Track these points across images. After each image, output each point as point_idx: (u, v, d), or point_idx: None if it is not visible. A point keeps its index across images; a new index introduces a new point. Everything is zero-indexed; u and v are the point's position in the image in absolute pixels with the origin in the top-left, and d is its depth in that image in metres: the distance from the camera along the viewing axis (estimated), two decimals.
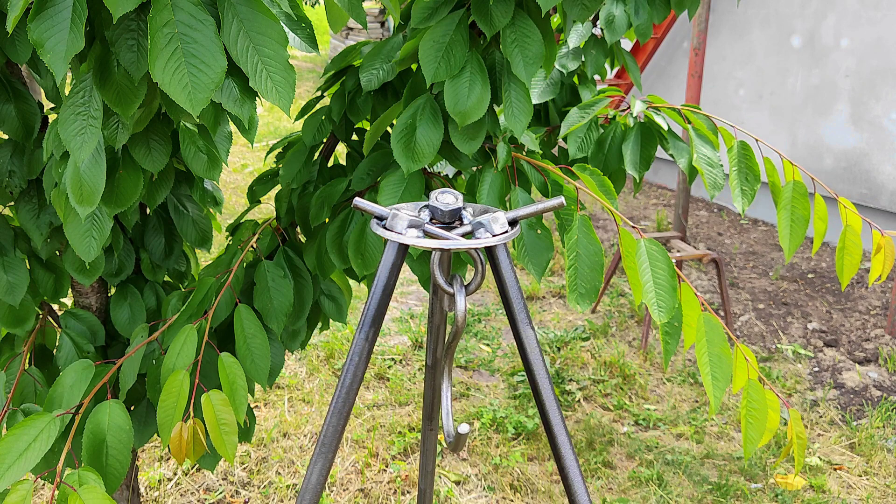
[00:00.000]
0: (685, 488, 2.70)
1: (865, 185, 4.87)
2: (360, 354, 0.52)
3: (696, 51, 3.82)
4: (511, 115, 1.28)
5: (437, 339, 0.58)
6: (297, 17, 1.11)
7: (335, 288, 1.62)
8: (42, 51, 0.93)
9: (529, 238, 1.31)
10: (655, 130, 1.57)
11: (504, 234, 0.51)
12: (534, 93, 1.68)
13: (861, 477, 2.79)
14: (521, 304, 0.51)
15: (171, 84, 0.92)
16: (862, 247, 1.44)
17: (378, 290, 0.51)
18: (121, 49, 1.03)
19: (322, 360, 3.54)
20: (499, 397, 3.27)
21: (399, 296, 4.26)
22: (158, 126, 1.28)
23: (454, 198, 0.54)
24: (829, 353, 3.70)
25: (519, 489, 2.68)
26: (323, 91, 1.54)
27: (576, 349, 3.67)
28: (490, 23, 1.21)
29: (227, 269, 1.48)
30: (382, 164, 1.42)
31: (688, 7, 1.51)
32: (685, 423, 3.09)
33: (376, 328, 0.51)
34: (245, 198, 1.90)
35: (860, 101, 4.85)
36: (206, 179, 1.57)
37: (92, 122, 1.07)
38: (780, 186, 1.45)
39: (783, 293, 4.37)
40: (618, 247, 4.15)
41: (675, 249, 3.77)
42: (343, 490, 2.65)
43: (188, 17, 0.92)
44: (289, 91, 0.99)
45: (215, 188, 1.66)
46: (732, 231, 5.42)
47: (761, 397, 1.28)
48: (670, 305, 1.20)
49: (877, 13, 4.69)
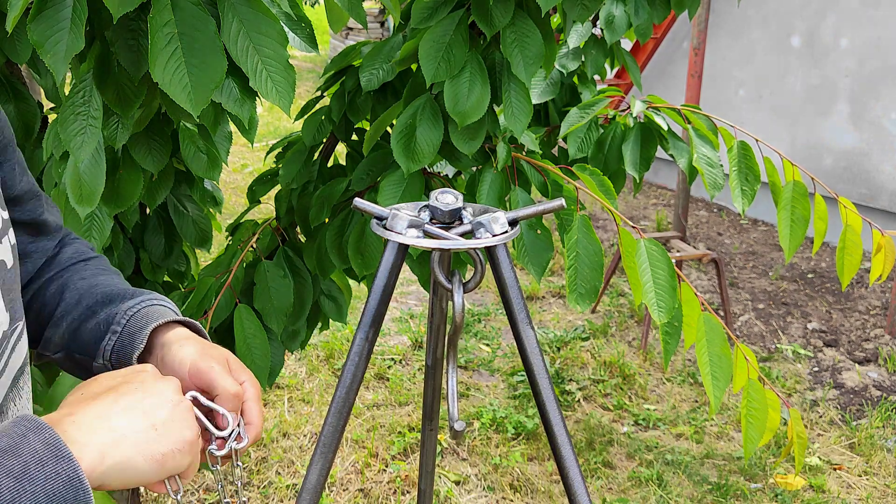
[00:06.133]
0: (685, 488, 2.70)
1: (865, 185, 4.87)
2: (360, 354, 0.52)
3: (696, 51, 3.82)
4: (511, 115, 1.28)
5: (436, 339, 0.59)
6: (297, 17, 1.11)
7: (335, 288, 1.62)
8: (42, 51, 0.93)
9: (529, 238, 1.31)
10: (655, 130, 1.57)
11: (504, 234, 0.51)
12: (534, 93, 1.68)
13: (861, 477, 2.79)
14: (521, 303, 0.51)
15: (171, 84, 0.92)
16: (862, 247, 1.44)
17: (378, 290, 0.51)
18: (121, 49, 1.03)
19: (322, 360, 3.54)
20: (499, 397, 3.27)
21: (399, 296, 4.26)
22: (158, 126, 1.28)
23: (454, 198, 0.54)
24: (829, 353, 3.70)
25: (519, 489, 2.68)
26: (323, 91, 1.54)
27: (576, 349, 3.67)
28: (490, 23, 1.21)
29: (227, 269, 1.48)
30: (382, 164, 1.42)
31: (688, 7, 1.51)
32: (685, 423, 3.09)
33: (376, 328, 0.51)
34: (245, 198, 1.90)
35: (860, 101, 4.85)
36: (206, 179, 1.57)
37: (92, 122, 1.07)
38: (780, 186, 1.45)
39: (783, 293, 4.37)
40: (618, 247, 4.15)
41: (675, 249, 3.77)
42: (343, 490, 2.65)
43: (188, 17, 0.92)
44: (289, 91, 0.99)
45: (215, 188, 1.66)
46: (732, 231, 5.42)
47: (761, 397, 1.28)
48: (670, 305, 1.20)
49: (877, 13, 4.69)
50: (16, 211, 0.82)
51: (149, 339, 0.78)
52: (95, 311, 0.82)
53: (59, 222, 0.91)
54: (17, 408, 0.72)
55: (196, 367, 0.74)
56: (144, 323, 0.79)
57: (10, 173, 0.78)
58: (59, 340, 0.84)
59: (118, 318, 0.80)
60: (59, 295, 0.86)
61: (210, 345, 0.79)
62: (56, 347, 0.84)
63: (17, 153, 0.80)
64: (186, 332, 0.80)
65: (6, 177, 0.78)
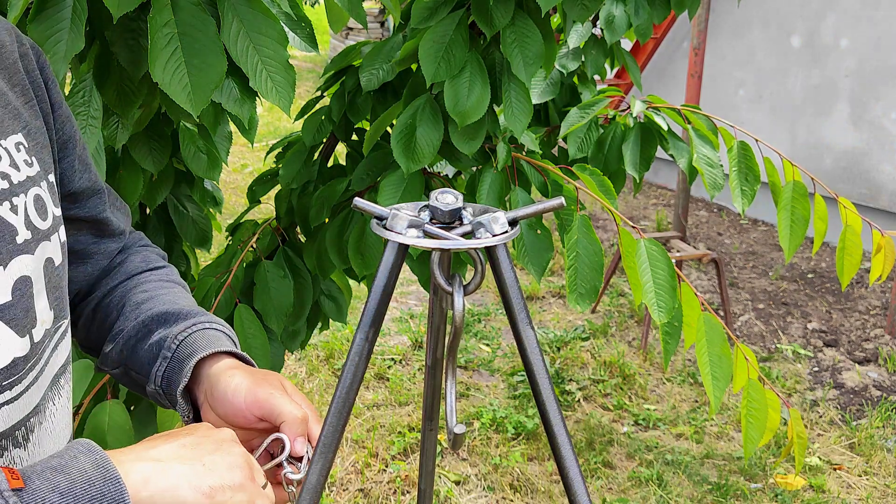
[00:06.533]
0: (685, 488, 2.70)
1: (865, 185, 4.87)
2: (360, 354, 0.52)
3: (696, 51, 3.82)
4: (511, 115, 1.28)
5: (436, 339, 0.59)
6: (297, 17, 1.11)
7: (335, 288, 1.62)
8: (42, 50, 0.92)
9: (529, 238, 1.31)
10: (655, 130, 1.57)
11: (504, 234, 0.51)
12: (534, 93, 1.68)
13: (861, 477, 2.79)
14: (521, 304, 0.51)
15: (171, 84, 0.92)
16: (862, 247, 1.44)
17: (378, 290, 0.51)
18: (121, 49, 1.03)
19: (322, 360, 3.54)
20: (499, 397, 3.27)
21: (399, 296, 4.26)
22: (158, 126, 1.28)
23: (454, 198, 0.54)
24: (829, 353, 3.70)
25: (519, 489, 2.68)
26: (323, 91, 1.54)
27: (575, 349, 3.67)
28: (490, 23, 1.21)
29: (227, 269, 1.48)
30: (382, 164, 1.42)
31: (688, 7, 1.51)
32: (685, 423, 3.09)
33: (376, 328, 0.51)
34: (245, 198, 1.90)
35: (860, 101, 4.85)
36: (206, 179, 1.57)
37: (92, 122, 1.07)
38: (780, 186, 1.45)
39: (783, 293, 4.37)
40: (618, 247, 4.15)
41: (675, 249, 3.77)
42: (343, 490, 2.65)
43: (188, 17, 0.92)
44: (289, 91, 0.99)
45: (215, 188, 1.66)
46: (732, 231, 5.42)
47: (761, 397, 1.28)
48: (670, 305, 1.20)
49: (877, 13, 4.69)
50: (75, 207, 0.80)
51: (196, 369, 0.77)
52: (151, 331, 0.81)
53: (123, 225, 0.89)
54: (55, 407, 0.71)
55: (254, 395, 0.72)
56: (192, 351, 0.77)
57: (68, 169, 0.77)
58: (116, 357, 0.82)
59: (168, 342, 0.78)
60: (120, 308, 0.84)
61: (261, 371, 0.77)
62: (114, 363, 0.83)
63: (80, 149, 0.80)
64: (233, 362, 0.77)
65: (65, 172, 0.77)
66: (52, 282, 0.69)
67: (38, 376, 0.67)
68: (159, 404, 0.81)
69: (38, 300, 0.66)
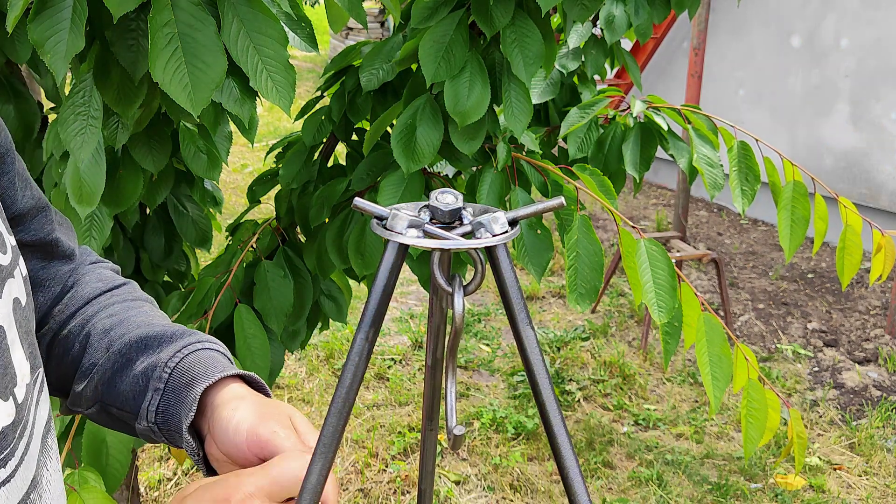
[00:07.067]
0: (685, 488, 2.70)
1: (865, 185, 4.87)
2: (360, 354, 0.52)
3: (696, 51, 3.82)
4: (511, 115, 1.28)
5: (436, 339, 0.58)
6: (297, 17, 1.11)
7: (335, 288, 1.62)
8: (42, 51, 0.93)
9: (529, 238, 1.31)
10: (655, 130, 1.57)
11: (504, 234, 0.51)
12: (534, 93, 1.68)
13: (861, 477, 2.79)
14: (521, 304, 0.51)
15: (171, 84, 0.92)
16: (862, 247, 1.44)
17: (378, 290, 0.51)
18: (121, 49, 1.03)
19: (322, 360, 3.54)
20: (499, 397, 3.27)
21: (399, 296, 4.26)
22: (158, 126, 1.28)
23: (454, 198, 0.54)
24: (829, 353, 3.70)
25: (519, 489, 2.68)
26: (323, 91, 1.54)
27: (576, 349, 3.67)
28: (490, 23, 1.21)
29: (227, 269, 1.48)
30: (382, 164, 1.42)
31: (688, 7, 1.51)
32: (685, 423, 3.09)
33: (376, 328, 0.51)
34: (245, 198, 1.90)
35: (860, 101, 4.85)
36: (206, 179, 1.57)
37: (92, 122, 1.06)
38: (780, 186, 1.45)
39: (783, 293, 4.37)
40: (618, 247, 4.15)
41: (675, 249, 3.77)
42: (343, 490, 2.65)
43: (188, 17, 0.92)
44: (289, 91, 0.99)
45: (215, 188, 1.66)
46: (732, 231, 5.42)
47: (761, 397, 1.28)
48: (670, 305, 1.20)
49: (877, 13, 4.69)
50: (20, 231, 0.70)
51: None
52: (131, 360, 0.70)
53: (73, 244, 0.78)
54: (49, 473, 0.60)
55: (255, 434, 0.63)
56: (191, 379, 0.67)
57: (9, 187, 0.66)
58: (91, 394, 0.72)
59: (158, 371, 0.68)
60: (85, 339, 0.73)
61: (269, 402, 0.67)
62: (89, 402, 0.72)
63: (18, 163, 0.68)
64: (238, 390, 0.68)
65: (6, 191, 0.66)
66: (23, 327, 0.57)
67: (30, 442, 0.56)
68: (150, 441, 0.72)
69: (13, 352, 0.54)
